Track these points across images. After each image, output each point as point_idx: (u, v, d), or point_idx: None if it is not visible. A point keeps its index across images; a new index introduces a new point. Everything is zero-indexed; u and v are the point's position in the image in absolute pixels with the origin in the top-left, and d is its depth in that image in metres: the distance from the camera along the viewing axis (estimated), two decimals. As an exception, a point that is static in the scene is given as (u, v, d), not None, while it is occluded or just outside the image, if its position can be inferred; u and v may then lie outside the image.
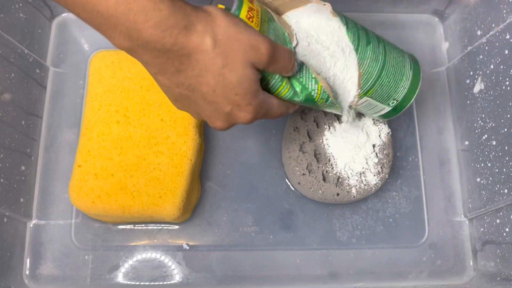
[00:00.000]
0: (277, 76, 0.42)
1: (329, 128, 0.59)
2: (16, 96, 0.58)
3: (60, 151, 0.62)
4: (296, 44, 0.46)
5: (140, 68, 0.58)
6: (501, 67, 0.55)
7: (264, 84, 0.42)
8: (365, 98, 0.51)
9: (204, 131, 0.63)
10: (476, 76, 0.60)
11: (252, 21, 0.40)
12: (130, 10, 0.33)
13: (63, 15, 0.67)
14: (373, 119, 0.59)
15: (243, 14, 0.40)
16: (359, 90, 0.49)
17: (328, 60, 0.48)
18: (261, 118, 0.43)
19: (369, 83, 0.49)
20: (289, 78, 0.43)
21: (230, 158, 0.63)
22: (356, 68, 0.48)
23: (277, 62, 0.40)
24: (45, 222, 0.60)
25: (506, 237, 0.54)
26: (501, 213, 0.56)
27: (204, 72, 0.37)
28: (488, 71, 0.57)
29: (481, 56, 0.59)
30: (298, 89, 0.44)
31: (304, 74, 0.44)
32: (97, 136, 0.56)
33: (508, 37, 0.54)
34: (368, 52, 0.49)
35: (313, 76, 0.44)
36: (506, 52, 0.54)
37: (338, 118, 0.59)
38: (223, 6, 0.42)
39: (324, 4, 0.48)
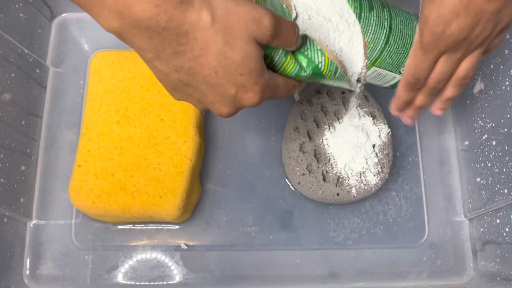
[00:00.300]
0: (281, 51, 0.39)
1: (329, 128, 0.59)
2: (16, 96, 0.58)
3: (60, 151, 0.62)
4: (296, 17, 0.43)
5: (140, 68, 0.58)
6: (501, 67, 0.55)
7: (268, 62, 0.39)
8: (373, 69, 0.47)
9: (204, 131, 0.63)
10: (476, 76, 0.60)
11: None
12: None
13: (63, 15, 0.67)
14: (373, 120, 0.59)
15: None
16: (366, 61, 0.46)
17: (331, 33, 0.45)
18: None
19: (376, 52, 0.46)
20: (293, 52, 0.41)
21: (230, 158, 0.63)
22: (361, 38, 0.45)
23: (280, 35, 0.37)
24: (45, 222, 0.60)
25: (506, 237, 0.54)
26: (501, 213, 0.56)
27: (204, 52, 0.34)
28: (488, 71, 0.57)
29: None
30: (304, 63, 0.41)
31: (308, 47, 0.41)
32: (97, 136, 0.56)
33: (508, 37, 0.54)
34: (372, 18, 0.45)
35: (318, 48, 0.41)
36: (506, 52, 0.54)
37: (338, 118, 0.59)
38: None
39: None
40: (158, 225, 0.60)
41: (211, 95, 0.37)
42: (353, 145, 0.57)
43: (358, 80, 0.48)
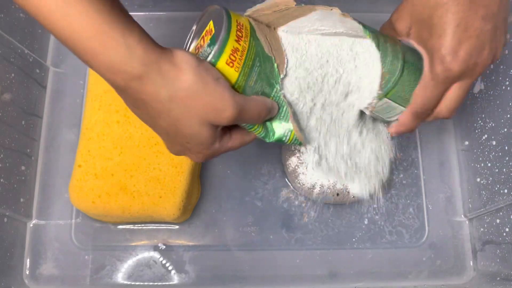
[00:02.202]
0: None
1: (329, 128, 0.59)
2: (16, 96, 0.58)
3: (60, 151, 0.62)
4: (285, 75, 0.42)
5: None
6: (501, 67, 0.55)
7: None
8: (384, 100, 0.46)
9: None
10: (476, 76, 0.60)
11: (232, 65, 0.37)
12: (88, 39, 0.31)
13: (63, 15, 0.67)
14: (373, 120, 0.59)
15: (223, 59, 0.37)
16: (379, 91, 0.45)
17: (346, 60, 0.44)
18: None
19: (390, 83, 0.45)
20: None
21: (230, 158, 0.63)
22: (379, 67, 0.44)
23: (243, 120, 0.38)
24: (45, 222, 0.60)
25: (506, 237, 0.54)
26: (501, 213, 0.56)
27: (158, 117, 0.36)
28: (488, 71, 0.57)
29: (481, 56, 0.59)
30: (271, 132, 0.42)
31: (281, 117, 0.42)
32: (97, 136, 0.56)
33: (508, 37, 0.54)
34: (389, 49, 0.44)
35: (289, 123, 0.42)
36: (506, 52, 0.54)
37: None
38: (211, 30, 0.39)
39: (332, 9, 0.43)
40: (158, 225, 0.60)
41: (163, 139, 0.40)
42: (352, 145, 0.57)
43: (366, 109, 0.47)
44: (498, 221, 0.56)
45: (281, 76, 0.41)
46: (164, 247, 0.59)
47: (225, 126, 0.38)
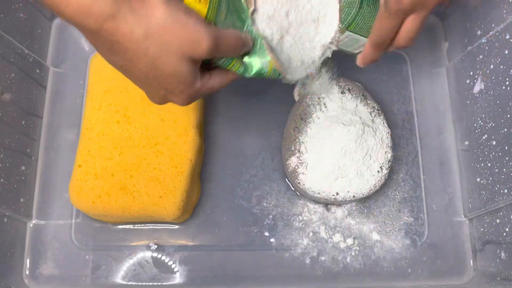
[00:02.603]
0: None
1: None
2: (16, 96, 0.58)
3: (60, 151, 0.62)
4: (254, 10, 0.43)
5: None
6: (501, 67, 0.55)
7: (214, 61, 0.40)
8: (347, 33, 0.49)
9: (204, 131, 0.63)
10: (476, 76, 0.60)
11: (199, 1, 0.37)
12: None
13: (63, 15, 0.67)
14: (372, 120, 0.59)
15: None
16: (340, 25, 0.48)
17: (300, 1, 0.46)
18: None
19: (350, 16, 0.47)
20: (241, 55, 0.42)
21: (230, 158, 0.63)
22: (336, 1, 0.47)
23: (220, 51, 0.38)
24: (45, 222, 0.60)
25: (506, 237, 0.54)
26: (501, 213, 0.56)
27: (135, 59, 0.35)
28: (488, 71, 0.57)
29: (481, 56, 0.59)
30: (249, 66, 0.43)
31: (257, 51, 0.42)
32: (97, 136, 0.56)
33: (508, 37, 0.54)
34: None
35: (266, 54, 0.43)
36: (506, 52, 0.54)
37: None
38: None
39: None
40: (158, 225, 0.60)
41: (143, 88, 0.40)
42: (352, 145, 0.57)
43: (331, 43, 0.49)
44: (498, 221, 0.56)
45: (250, 9, 0.43)
46: (164, 247, 0.59)
47: (204, 64, 0.39)
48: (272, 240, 0.60)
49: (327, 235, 0.61)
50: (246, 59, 0.43)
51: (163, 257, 0.59)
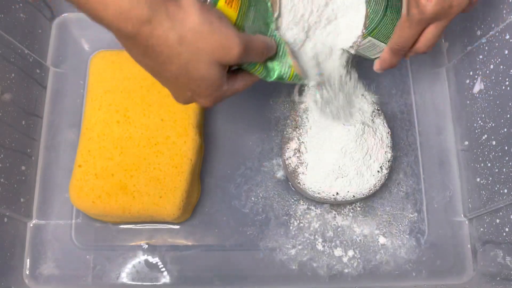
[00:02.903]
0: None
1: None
2: (17, 96, 0.58)
3: (60, 151, 0.62)
4: (279, 15, 0.45)
5: (140, 68, 0.58)
6: (501, 67, 0.55)
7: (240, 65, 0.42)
8: (368, 39, 0.50)
9: (204, 131, 0.63)
10: (476, 76, 0.60)
11: (231, 6, 0.39)
12: None
13: (63, 15, 0.68)
14: (372, 120, 0.59)
15: (221, 1, 0.39)
16: (364, 30, 0.49)
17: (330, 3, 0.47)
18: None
19: (374, 23, 0.49)
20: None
21: (230, 158, 0.63)
22: (364, 7, 0.48)
23: (248, 57, 0.39)
24: (46, 222, 0.60)
25: (506, 237, 0.54)
26: (500, 213, 0.56)
27: (168, 62, 0.36)
28: (488, 71, 0.57)
29: (480, 56, 0.59)
30: (271, 71, 0.43)
31: (280, 56, 0.43)
32: (97, 136, 0.56)
33: (507, 37, 0.54)
34: None
35: (288, 59, 0.44)
36: (506, 52, 0.54)
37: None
38: None
39: None
40: (158, 225, 0.60)
41: (170, 88, 0.41)
42: (352, 145, 0.57)
43: (351, 47, 0.50)
44: (498, 221, 0.56)
45: (275, 15, 0.44)
46: (165, 247, 0.59)
47: (230, 68, 0.40)
48: (272, 240, 0.60)
49: (327, 236, 0.61)
50: (269, 63, 0.43)
51: (164, 257, 0.59)
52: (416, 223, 0.62)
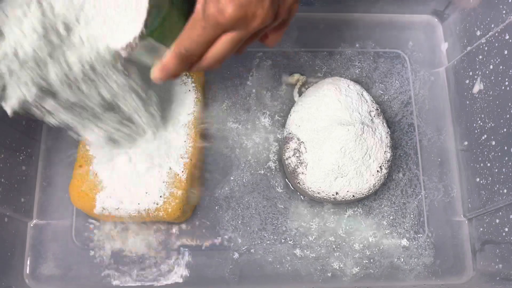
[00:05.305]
0: None
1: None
2: (17, 96, 0.58)
3: (60, 151, 0.62)
4: None
5: (140, 68, 0.58)
6: (501, 67, 0.55)
7: None
8: (148, 40, 0.39)
9: (204, 131, 0.63)
10: (476, 77, 0.60)
11: None
12: None
13: (63, 15, 0.67)
14: (372, 120, 0.59)
15: None
16: (143, 29, 0.38)
17: None
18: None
19: (157, 20, 0.39)
20: None
21: (230, 158, 0.63)
22: (146, 0, 0.38)
23: None
24: (46, 222, 0.60)
25: (506, 237, 0.54)
26: (500, 213, 0.56)
27: None
28: (487, 72, 0.57)
29: (480, 57, 0.59)
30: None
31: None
32: (97, 136, 0.56)
33: (507, 37, 0.54)
34: None
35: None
36: (506, 52, 0.54)
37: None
38: None
39: None
40: (159, 224, 0.60)
41: None
42: (352, 145, 0.57)
43: (123, 50, 0.40)
44: (497, 221, 0.56)
45: None
46: (165, 247, 0.60)
47: None
48: (272, 240, 0.60)
49: (326, 236, 0.61)
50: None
51: (164, 257, 0.59)
52: (416, 223, 0.62)
